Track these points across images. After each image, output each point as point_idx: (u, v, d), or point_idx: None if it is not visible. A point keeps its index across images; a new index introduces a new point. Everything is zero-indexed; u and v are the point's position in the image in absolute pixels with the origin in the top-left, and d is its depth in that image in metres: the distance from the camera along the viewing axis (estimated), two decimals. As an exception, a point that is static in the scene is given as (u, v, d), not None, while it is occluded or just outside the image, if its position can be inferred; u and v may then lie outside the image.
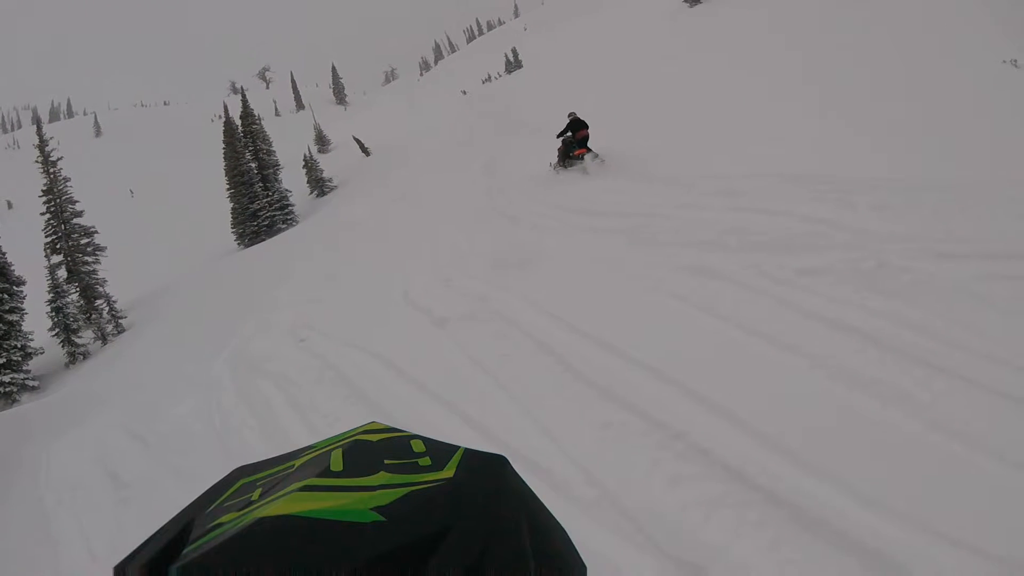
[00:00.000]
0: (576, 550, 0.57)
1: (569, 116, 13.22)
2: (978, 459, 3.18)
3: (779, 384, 4.26)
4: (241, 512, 0.48)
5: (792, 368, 4.38)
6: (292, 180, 32.33)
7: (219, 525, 0.47)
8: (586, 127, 12.79)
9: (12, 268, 19.30)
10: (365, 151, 36.63)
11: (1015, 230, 5.21)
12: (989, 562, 2.66)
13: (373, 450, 0.58)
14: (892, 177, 7.06)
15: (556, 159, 13.19)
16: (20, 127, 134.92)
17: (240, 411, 7.19)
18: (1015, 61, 9.18)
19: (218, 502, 0.54)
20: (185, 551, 0.46)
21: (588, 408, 4.74)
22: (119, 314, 20.49)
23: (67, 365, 18.39)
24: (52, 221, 22.95)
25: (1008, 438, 3.23)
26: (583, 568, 0.56)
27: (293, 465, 0.57)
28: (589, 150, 12.41)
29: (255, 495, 0.52)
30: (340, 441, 0.61)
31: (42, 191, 23.24)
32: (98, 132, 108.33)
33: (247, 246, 28.28)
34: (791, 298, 5.25)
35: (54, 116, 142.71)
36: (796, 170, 8.23)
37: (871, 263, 5.36)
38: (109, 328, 19.96)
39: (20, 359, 17.61)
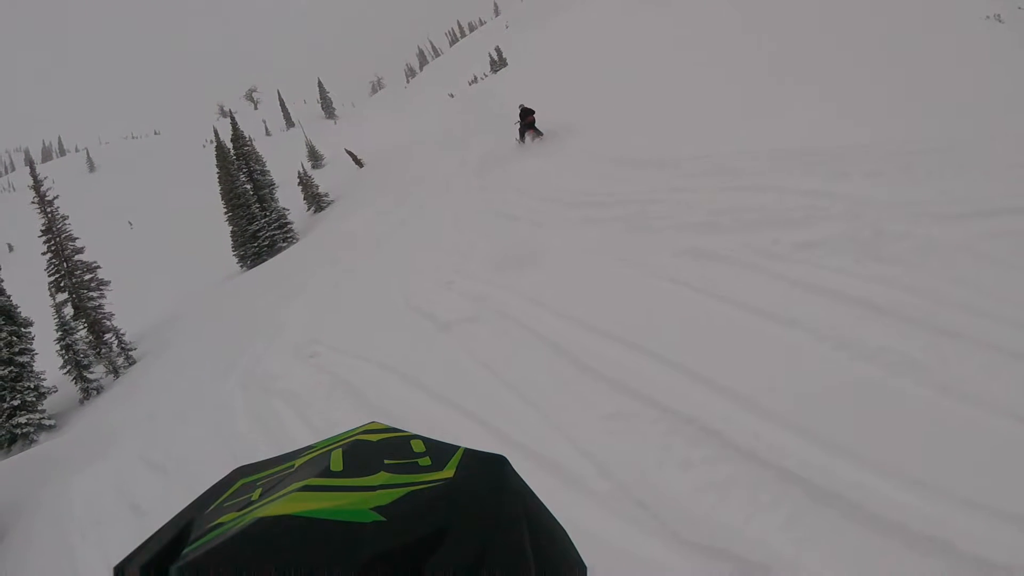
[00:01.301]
0: (576, 550, 0.57)
1: (519, 107, 16.64)
2: (993, 421, 3.16)
3: (785, 360, 4.25)
4: (241, 512, 0.49)
5: (796, 343, 4.37)
6: (288, 198, 32.36)
7: (219, 525, 0.47)
8: (532, 113, 16.07)
9: (18, 310, 19.35)
10: (358, 163, 36.61)
11: (1011, 185, 5.18)
12: (1013, 524, 2.65)
13: (373, 450, 0.58)
14: (883, 142, 7.01)
15: (518, 138, 16.53)
16: (14, 169, 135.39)
17: (254, 431, 7.22)
18: (999, 16, 9.12)
19: (218, 502, 0.54)
20: (185, 551, 0.46)
21: (597, 400, 4.74)
22: (128, 346, 20.54)
23: (82, 401, 18.45)
24: (54, 260, 23.03)
25: (1022, 398, 3.21)
26: (583, 568, 0.56)
27: (293, 465, 0.58)
28: (536, 130, 15.83)
29: (255, 495, 0.53)
30: (340, 441, 0.61)
31: (41, 231, 23.32)
32: (92, 167, 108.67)
33: (249, 268, 28.31)
34: (791, 273, 5.24)
35: (46, 155, 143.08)
36: (784, 144, 8.19)
37: (869, 231, 5.34)
38: (120, 361, 20.02)
39: (34, 400, 17.66)
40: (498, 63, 54.31)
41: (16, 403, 17.12)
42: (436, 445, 0.60)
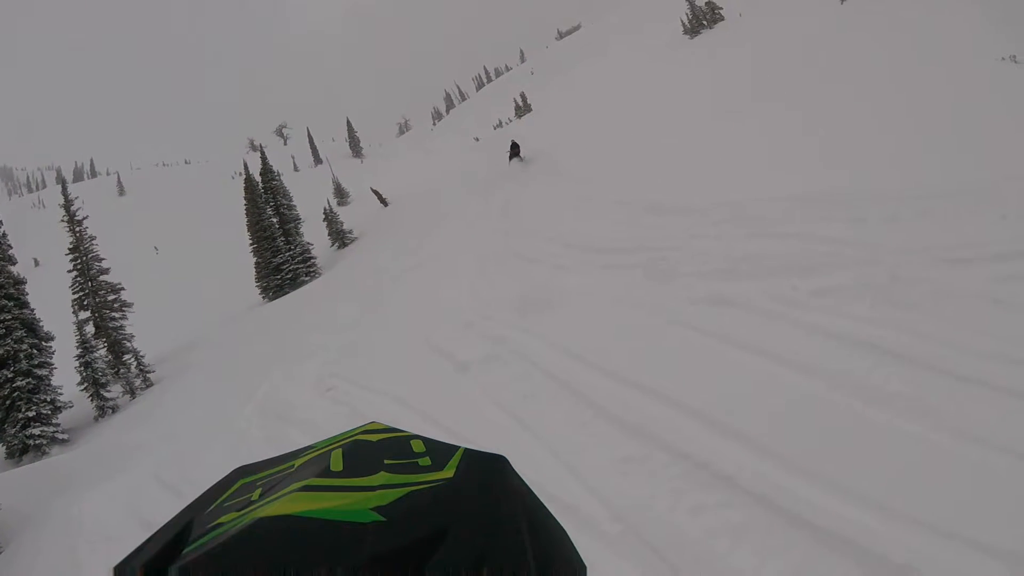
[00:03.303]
0: (576, 550, 0.57)
1: (511, 141, 21.98)
2: (1009, 466, 3.14)
3: (800, 407, 4.24)
4: (241, 512, 0.49)
5: (812, 390, 4.36)
6: (313, 233, 32.71)
7: (219, 525, 0.48)
8: (518, 146, 21.50)
9: (41, 324, 19.69)
10: (383, 202, 36.95)
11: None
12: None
13: (373, 450, 0.59)
14: (901, 188, 6.98)
15: (508, 161, 21.33)
16: (44, 187, 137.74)
17: (269, 456, 7.26)
18: (1014, 57, 9.09)
19: (218, 502, 0.55)
20: (185, 551, 0.46)
21: (611, 443, 4.76)
22: (147, 368, 20.73)
23: (96, 418, 18.56)
24: (79, 278, 23.37)
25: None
26: (583, 568, 0.56)
27: (293, 465, 0.59)
28: (520, 157, 20.99)
29: (255, 495, 0.53)
30: (340, 441, 0.62)
31: (68, 249, 23.72)
32: (122, 191, 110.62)
33: (272, 299, 28.50)
34: (808, 320, 5.25)
35: (78, 176, 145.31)
36: (802, 190, 8.18)
37: (885, 277, 5.35)
38: (138, 382, 20.20)
39: (50, 413, 17.77)
40: (523, 108, 54.95)
41: (31, 414, 17.22)
42: (436, 445, 0.61)
